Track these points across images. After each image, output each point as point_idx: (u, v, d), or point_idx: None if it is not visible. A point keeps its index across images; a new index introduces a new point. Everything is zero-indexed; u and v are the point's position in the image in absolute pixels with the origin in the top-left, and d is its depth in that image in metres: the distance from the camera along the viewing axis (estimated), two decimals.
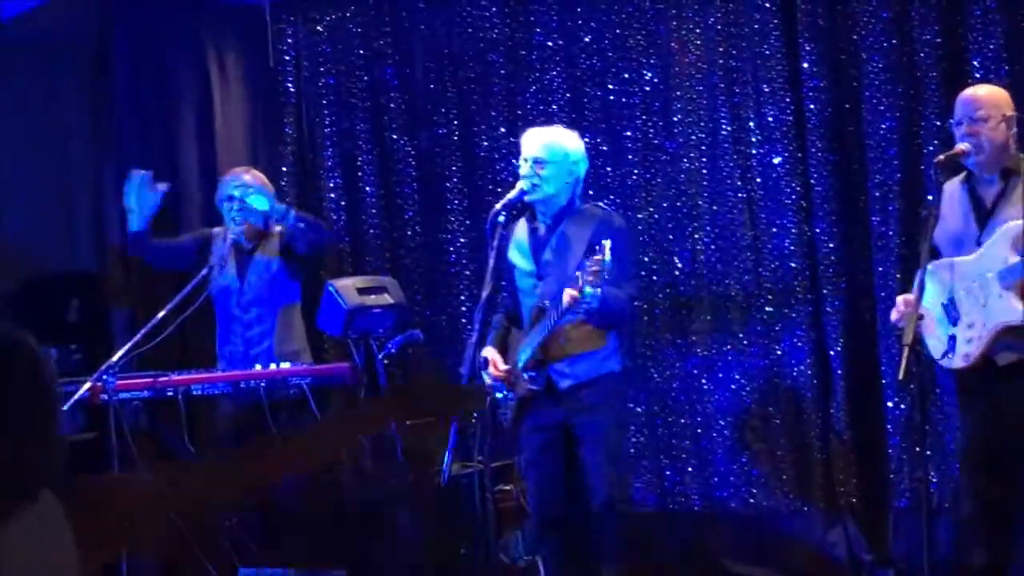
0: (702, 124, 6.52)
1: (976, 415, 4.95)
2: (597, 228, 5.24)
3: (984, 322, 4.74)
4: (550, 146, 5.37)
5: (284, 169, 7.17)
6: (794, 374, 6.35)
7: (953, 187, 4.92)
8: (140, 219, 6.05)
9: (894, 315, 4.92)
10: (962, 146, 4.84)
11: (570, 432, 5.35)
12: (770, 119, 6.37)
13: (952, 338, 4.79)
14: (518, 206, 5.43)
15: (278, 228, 6.13)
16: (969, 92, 4.96)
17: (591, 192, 5.72)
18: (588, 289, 4.89)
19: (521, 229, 5.51)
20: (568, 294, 4.96)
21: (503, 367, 5.36)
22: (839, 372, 6.25)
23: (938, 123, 5.90)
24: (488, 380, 5.36)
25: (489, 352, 5.41)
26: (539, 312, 5.29)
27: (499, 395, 5.44)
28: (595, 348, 5.29)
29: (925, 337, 4.86)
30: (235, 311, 6.13)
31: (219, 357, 6.14)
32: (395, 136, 7.15)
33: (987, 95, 4.90)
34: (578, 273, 4.93)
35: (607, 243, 4.88)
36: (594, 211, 5.43)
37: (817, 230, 6.28)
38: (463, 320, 6.93)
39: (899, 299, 4.96)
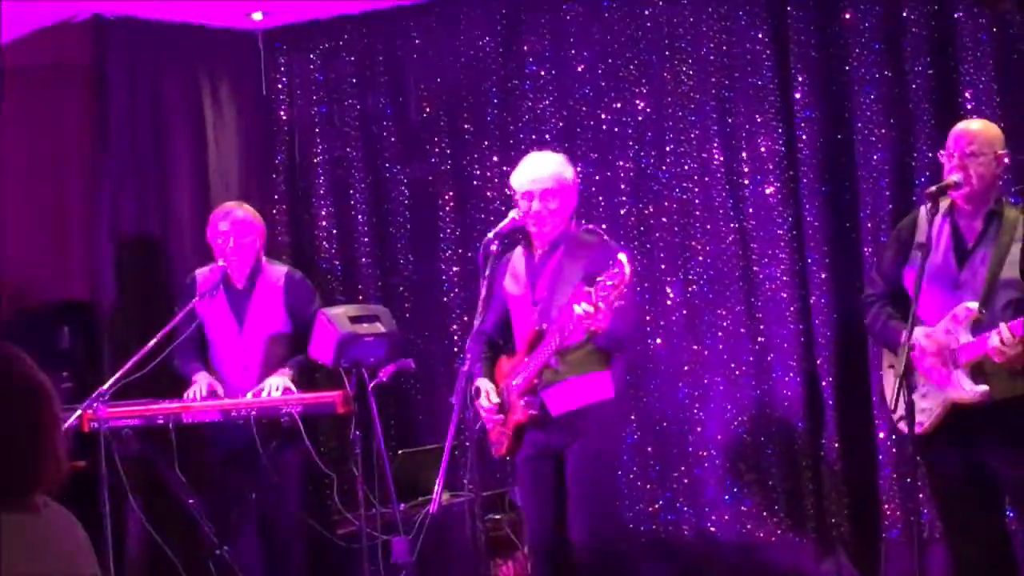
0: (694, 154, 6.54)
1: (945, 453, 4.90)
2: (594, 255, 5.12)
3: (936, 395, 4.72)
4: (555, 177, 5.25)
5: (276, 197, 7.19)
6: (786, 404, 6.34)
7: (937, 217, 4.83)
8: None
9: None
10: (953, 177, 4.82)
11: (561, 462, 5.27)
12: (762, 150, 6.38)
13: (909, 404, 4.73)
14: (517, 235, 5.38)
15: (276, 265, 6.17)
16: (963, 126, 4.88)
17: (583, 221, 5.66)
18: (602, 304, 4.72)
19: (518, 257, 5.46)
20: (582, 308, 4.74)
21: (495, 398, 5.30)
22: (831, 403, 6.25)
23: (930, 155, 5.91)
24: (482, 411, 5.32)
25: (483, 383, 5.38)
26: (537, 335, 5.19)
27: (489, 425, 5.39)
28: (592, 372, 5.16)
29: (886, 390, 4.88)
30: (234, 350, 6.11)
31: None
32: (387, 165, 7.17)
33: (981, 130, 4.81)
34: (591, 288, 4.74)
35: (623, 258, 4.72)
36: (589, 237, 5.30)
37: (809, 260, 6.29)
38: (455, 349, 6.93)
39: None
